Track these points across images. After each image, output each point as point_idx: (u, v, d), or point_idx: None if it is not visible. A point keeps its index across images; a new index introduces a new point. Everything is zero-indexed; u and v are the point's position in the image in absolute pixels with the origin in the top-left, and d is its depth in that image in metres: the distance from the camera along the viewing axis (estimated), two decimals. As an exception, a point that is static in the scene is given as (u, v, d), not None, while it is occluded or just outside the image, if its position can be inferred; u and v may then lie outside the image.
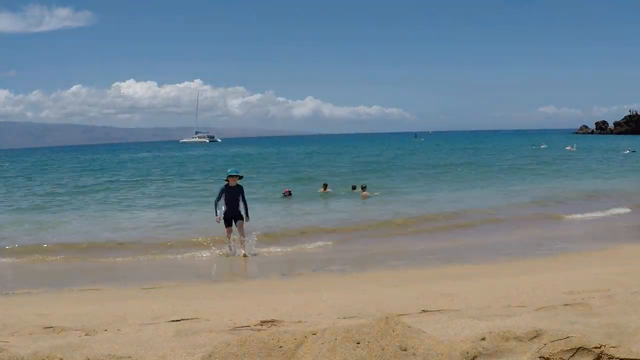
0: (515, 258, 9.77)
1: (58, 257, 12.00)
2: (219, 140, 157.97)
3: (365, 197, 20.59)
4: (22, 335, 4.50)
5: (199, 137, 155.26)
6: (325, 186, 22.45)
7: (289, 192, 21.28)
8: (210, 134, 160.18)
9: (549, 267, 8.24)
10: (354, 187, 22.20)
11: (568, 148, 59.18)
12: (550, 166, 36.42)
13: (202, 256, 11.51)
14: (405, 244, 12.57)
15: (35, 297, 7.82)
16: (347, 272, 9.37)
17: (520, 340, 3.14)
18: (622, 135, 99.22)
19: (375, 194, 21.46)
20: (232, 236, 11.56)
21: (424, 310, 5.05)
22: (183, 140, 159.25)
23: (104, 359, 3.30)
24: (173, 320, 5.05)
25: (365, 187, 21.30)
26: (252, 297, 6.53)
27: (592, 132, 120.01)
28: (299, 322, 4.71)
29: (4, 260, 11.71)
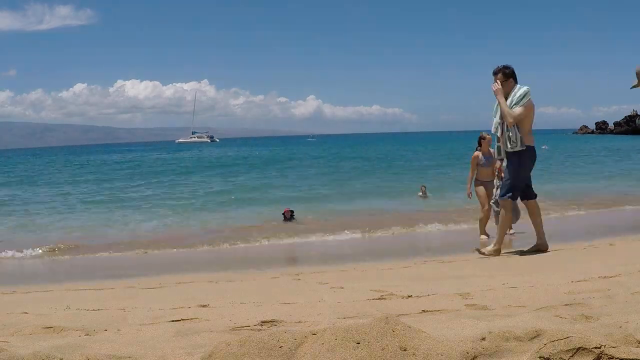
0: (515, 258, 9.77)
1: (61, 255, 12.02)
2: (217, 140, 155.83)
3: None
4: (22, 335, 4.50)
5: (197, 137, 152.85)
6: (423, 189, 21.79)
7: (290, 212, 17.74)
8: (210, 134, 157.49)
9: (549, 267, 8.23)
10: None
11: (543, 147, 60.01)
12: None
13: (202, 255, 11.52)
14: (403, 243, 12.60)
15: (36, 296, 7.82)
16: (348, 271, 9.37)
17: (520, 340, 3.14)
18: (622, 135, 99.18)
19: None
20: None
21: (424, 310, 5.05)
22: (179, 141, 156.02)
23: (104, 359, 3.30)
24: (173, 320, 5.05)
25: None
26: (252, 297, 6.53)
27: (592, 132, 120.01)
28: (299, 322, 4.71)
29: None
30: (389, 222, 15.63)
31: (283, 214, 17.60)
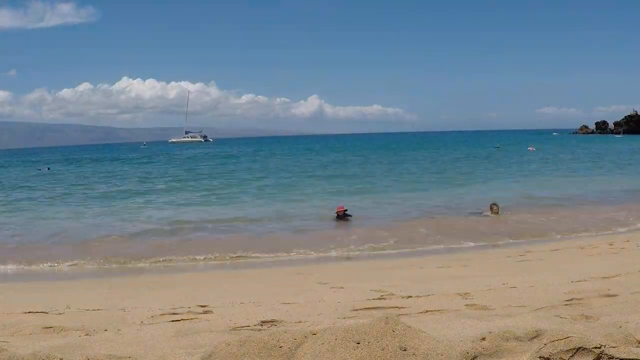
0: (515, 258, 9.77)
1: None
2: (211, 140, 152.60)
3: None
4: (22, 335, 4.50)
5: (190, 137, 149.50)
6: (493, 207, 16.18)
7: (344, 211, 15.90)
8: (203, 134, 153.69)
9: (549, 267, 8.23)
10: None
11: (530, 148, 60.11)
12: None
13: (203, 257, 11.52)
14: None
15: (36, 297, 7.81)
16: (349, 272, 9.38)
17: (520, 340, 3.14)
18: (621, 135, 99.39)
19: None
20: None
21: (424, 310, 5.05)
22: (172, 140, 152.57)
23: (104, 359, 3.30)
24: (173, 320, 5.05)
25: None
26: (252, 297, 6.53)
27: (592, 132, 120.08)
28: (299, 322, 4.71)
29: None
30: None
31: (336, 213, 16.03)
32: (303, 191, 24.56)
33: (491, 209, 16.12)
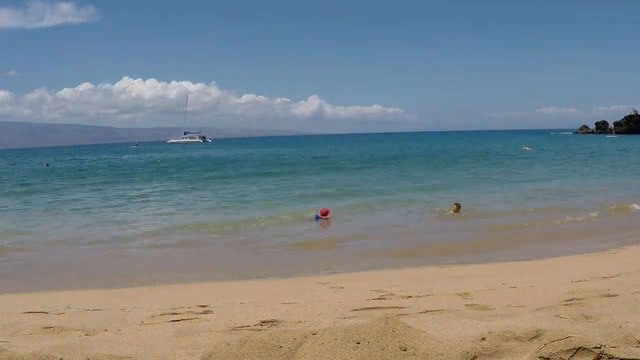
0: (516, 258, 9.77)
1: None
2: (209, 141, 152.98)
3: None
4: (22, 335, 4.50)
5: (189, 138, 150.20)
6: (457, 206, 16.33)
7: (326, 213, 15.46)
8: (202, 134, 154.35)
9: (549, 267, 8.23)
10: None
11: (525, 148, 61.27)
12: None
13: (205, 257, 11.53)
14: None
15: (36, 297, 7.81)
16: (349, 273, 9.37)
17: (520, 340, 3.14)
18: (622, 135, 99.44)
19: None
20: None
21: (424, 310, 5.05)
22: (170, 141, 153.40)
23: (104, 359, 3.30)
24: (173, 320, 5.05)
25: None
26: (252, 297, 6.53)
27: (592, 132, 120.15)
28: (299, 322, 4.71)
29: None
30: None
31: (321, 216, 15.36)
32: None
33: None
